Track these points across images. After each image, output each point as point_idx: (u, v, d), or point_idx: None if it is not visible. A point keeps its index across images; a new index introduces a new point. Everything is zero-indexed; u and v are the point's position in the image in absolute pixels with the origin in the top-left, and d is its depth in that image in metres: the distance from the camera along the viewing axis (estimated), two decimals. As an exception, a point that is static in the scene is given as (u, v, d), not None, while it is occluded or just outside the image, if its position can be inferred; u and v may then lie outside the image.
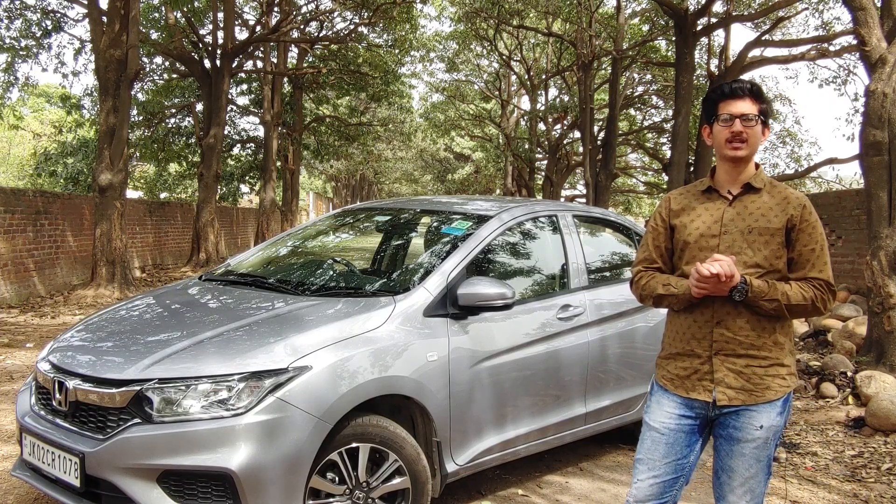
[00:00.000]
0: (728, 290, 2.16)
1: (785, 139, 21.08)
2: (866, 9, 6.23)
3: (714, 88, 2.34)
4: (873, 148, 6.10)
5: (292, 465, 2.66)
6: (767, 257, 2.24)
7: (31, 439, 2.96)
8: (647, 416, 2.39)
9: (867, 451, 4.60)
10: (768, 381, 2.23)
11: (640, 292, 2.41)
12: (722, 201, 2.32)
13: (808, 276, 2.24)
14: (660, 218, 2.43)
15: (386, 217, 4.60)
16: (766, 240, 2.24)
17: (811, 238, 2.25)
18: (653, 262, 2.41)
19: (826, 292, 2.23)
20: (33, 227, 10.53)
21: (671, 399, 2.33)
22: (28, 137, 29.33)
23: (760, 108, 2.26)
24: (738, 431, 2.25)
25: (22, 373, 6.08)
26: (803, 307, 2.21)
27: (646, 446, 2.35)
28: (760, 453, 2.25)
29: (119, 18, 10.94)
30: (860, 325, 6.79)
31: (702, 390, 2.27)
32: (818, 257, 2.25)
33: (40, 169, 22.02)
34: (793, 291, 2.20)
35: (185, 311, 3.44)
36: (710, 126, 2.32)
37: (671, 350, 2.37)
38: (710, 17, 14.71)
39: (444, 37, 25.02)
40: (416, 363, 3.06)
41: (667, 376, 2.36)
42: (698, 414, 2.30)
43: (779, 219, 2.25)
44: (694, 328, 2.28)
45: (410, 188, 51.01)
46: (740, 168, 2.30)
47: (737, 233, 2.26)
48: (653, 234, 2.43)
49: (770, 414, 2.23)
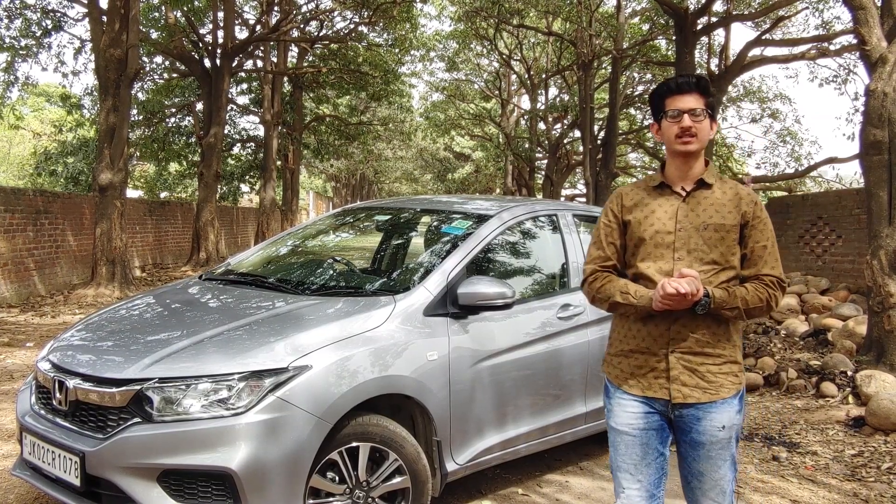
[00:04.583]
0: (692, 304, 2.14)
1: (785, 138, 21.08)
2: (866, 8, 6.23)
3: (660, 84, 2.32)
4: (873, 147, 6.10)
5: (293, 465, 2.66)
6: (724, 254, 2.23)
7: (31, 438, 2.96)
8: (612, 420, 2.34)
9: (867, 451, 4.60)
10: (721, 379, 2.22)
11: (594, 294, 2.32)
12: (675, 197, 2.29)
13: (760, 272, 2.24)
14: (612, 214, 2.37)
15: (386, 216, 4.60)
16: (721, 236, 2.23)
17: (763, 234, 2.25)
18: (607, 259, 2.34)
19: (777, 289, 2.24)
20: (33, 226, 10.53)
21: (631, 399, 2.29)
22: (28, 137, 29.33)
23: (707, 102, 2.25)
24: (701, 436, 2.23)
25: (22, 372, 6.09)
26: (760, 308, 2.22)
27: (620, 452, 2.30)
28: (725, 453, 2.25)
29: (119, 18, 10.94)
30: (860, 325, 6.78)
31: (658, 388, 2.24)
32: (770, 254, 2.25)
33: (40, 168, 22.02)
34: (750, 295, 2.20)
35: (185, 310, 3.44)
36: (658, 122, 2.30)
37: (623, 347, 2.32)
38: (710, 16, 14.70)
39: (444, 36, 25.01)
40: (416, 362, 3.06)
41: (620, 375, 2.32)
42: (660, 411, 2.27)
43: (732, 215, 2.24)
44: (650, 325, 2.25)
45: (410, 187, 51.00)
46: (691, 163, 2.27)
47: (692, 229, 2.24)
48: (605, 231, 2.37)
49: (729, 413, 2.23)
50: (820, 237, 10.11)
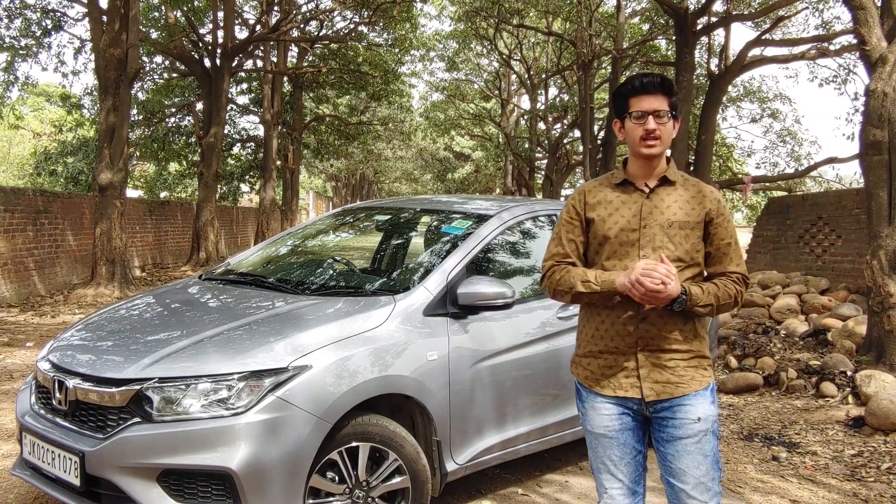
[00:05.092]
0: (668, 301, 2.12)
1: (785, 138, 21.08)
2: (866, 8, 6.22)
3: (624, 83, 2.29)
4: (873, 147, 6.10)
5: (292, 465, 2.66)
6: (689, 251, 2.22)
7: (31, 438, 2.96)
8: (587, 423, 2.33)
9: (867, 451, 4.60)
10: (691, 373, 2.22)
11: (555, 287, 2.30)
12: (639, 194, 2.27)
13: (727, 270, 2.25)
14: (574, 211, 2.34)
15: (386, 216, 4.60)
16: (686, 234, 2.22)
17: (727, 232, 2.26)
18: (566, 256, 2.32)
19: (743, 285, 2.26)
20: (33, 226, 10.54)
21: (604, 401, 2.27)
22: (28, 137, 29.33)
23: (671, 102, 2.23)
24: (677, 430, 2.21)
25: (22, 372, 6.09)
26: (728, 304, 2.23)
27: (598, 454, 2.30)
28: (704, 447, 2.21)
29: (119, 18, 10.94)
30: (860, 325, 6.78)
31: (629, 388, 2.23)
32: (734, 251, 2.26)
33: (40, 168, 22.03)
34: (721, 292, 2.21)
35: (185, 310, 3.44)
36: (622, 121, 2.27)
37: (591, 348, 2.30)
38: (710, 16, 14.70)
39: (443, 36, 25.04)
40: (416, 362, 3.06)
41: (590, 377, 2.30)
42: (634, 410, 2.26)
43: (696, 212, 2.24)
44: (618, 325, 2.23)
45: (410, 187, 51.01)
46: (654, 163, 2.26)
47: (657, 227, 2.22)
48: (566, 228, 2.34)
49: (703, 404, 2.21)
50: (820, 237, 10.11)
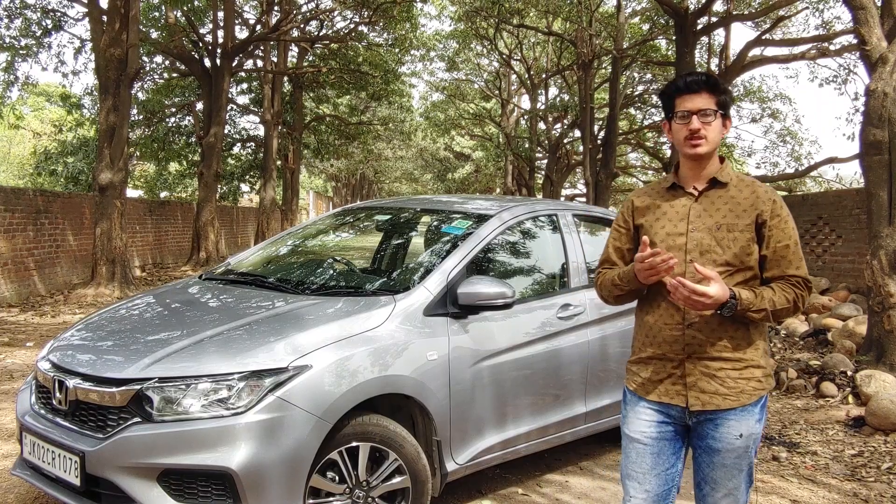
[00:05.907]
0: (716, 307, 2.05)
1: (785, 138, 21.09)
2: (866, 8, 6.23)
3: (669, 83, 2.25)
4: (873, 147, 6.10)
5: (292, 464, 2.66)
6: (738, 255, 2.13)
7: (31, 438, 2.96)
8: (626, 427, 2.28)
9: (867, 451, 4.60)
10: (742, 385, 2.13)
11: (600, 291, 2.35)
12: (687, 198, 2.22)
13: (785, 273, 2.14)
14: (622, 219, 2.34)
15: (386, 216, 4.59)
16: (735, 236, 2.13)
17: (784, 234, 2.15)
18: (612, 264, 2.33)
19: (805, 289, 2.15)
20: (33, 226, 10.53)
21: (647, 406, 2.23)
22: (28, 136, 29.33)
23: (718, 101, 2.16)
24: (717, 442, 2.16)
25: (22, 372, 6.09)
26: (787, 310, 2.13)
27: (631, 460, 2.25)
28: (742, 462, 2.17)
29: (119, 17, 10.94)
30: (860, 325, 6.79)
31: (675, 395, 2.17)
32: (794, 253, 2.15)
33: (40, 168, 22.01)
34: (777, 296, 2.10)
35: (185, 310, 3.44)
36: (669, 122, 2.23)
37: (642, 354, 2.27)
38: (710, 16, 14.71)
39: (444, 36, 25.02)
40: (416, 362, 3.06)
41: (638, 381, 2.26)
42: (676, 420, 2.20)
43: (748, 214, 2.15)
44: (665, 331, 2.18)
45: (410, 187, 51.00)
46: (703, 164, 2.20)
47: (704, 230, 2.16)
48: (614, 235, 2.36)
49: (749, 422, 2.14)
50: (820, 237, 10.12)
